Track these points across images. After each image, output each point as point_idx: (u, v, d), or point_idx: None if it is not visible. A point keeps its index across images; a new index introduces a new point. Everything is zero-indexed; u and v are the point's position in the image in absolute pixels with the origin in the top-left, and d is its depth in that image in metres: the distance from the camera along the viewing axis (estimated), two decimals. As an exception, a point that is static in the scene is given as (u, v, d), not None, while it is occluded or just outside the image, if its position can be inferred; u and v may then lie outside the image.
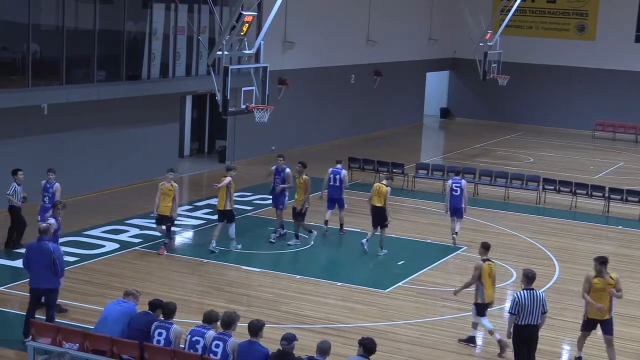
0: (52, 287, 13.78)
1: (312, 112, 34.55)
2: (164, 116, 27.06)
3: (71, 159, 23.78)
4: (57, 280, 13.80)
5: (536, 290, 12.85)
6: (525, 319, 12.73)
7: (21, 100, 21.74)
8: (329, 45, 34.85)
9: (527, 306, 12.68)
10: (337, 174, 21.55)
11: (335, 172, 21.59)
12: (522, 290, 12.82)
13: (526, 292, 12.76)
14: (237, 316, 11.35)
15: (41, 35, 23.33)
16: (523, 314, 12.72)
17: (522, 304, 12.67)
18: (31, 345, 12.14)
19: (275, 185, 20.79)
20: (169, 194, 19.10)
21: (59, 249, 14.09)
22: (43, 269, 13.72)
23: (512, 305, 12.76)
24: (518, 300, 12.69)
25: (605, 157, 36.24)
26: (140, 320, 11.84)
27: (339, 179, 21.52)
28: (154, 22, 26.05)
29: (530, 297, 12.72)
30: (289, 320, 15.53)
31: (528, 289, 12.79)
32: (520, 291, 12.81)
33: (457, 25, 42.35)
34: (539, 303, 12.80)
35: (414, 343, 14.97)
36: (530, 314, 12.75)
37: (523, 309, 12.69)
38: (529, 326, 12.81)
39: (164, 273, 18.10)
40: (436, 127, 44.65)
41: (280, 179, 20.69)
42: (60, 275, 13.81)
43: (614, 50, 42.21)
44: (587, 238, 22.89)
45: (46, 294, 13.85)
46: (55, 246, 14.01)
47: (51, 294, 13.86)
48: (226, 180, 19.20)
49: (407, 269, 19.19)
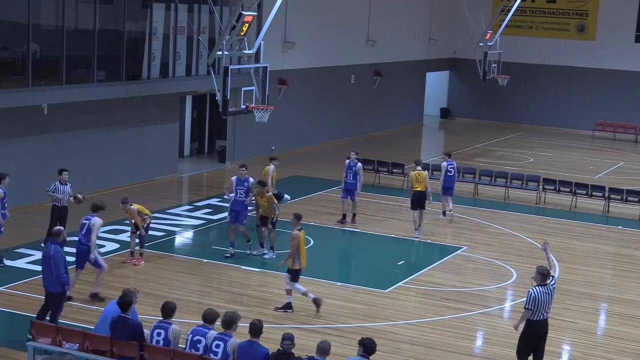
0: (54, 290, 13.79)
1: (312, 112, 34.55)
2: (164, 116, 27.06)
3: (71, 159, 23.76)
4: (58, 284, 13.75)
5: (548, 285, 12.95)
6: (539, 314, 12.89)
7: (21, 100, 21.74)
8: (329, 45, 34.85)
9: (542, 301, 12.88)
10: (353, 166, 22.45)
11: (351, 165, 22.45)
12: (536, 286, 12.91)
13: (541, 287, 12.90)
14: (238, 316, 11.34)
15: (41, 35, 23.32)
16: (538, 309, 12.86)
17: (538, 300, 12.82)
18: (31, 345, 12.13)
19: (237, 198, 19.26)
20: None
21: (58, 254, 13.91)
22: (48, 272, 13.82)
23: (528, 300, 12.94)
24: (535, 296, 12.87)
25: (605, 157, 36.24)
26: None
27: (354, 172, 22.40)
28: (154, 22, 26.04)
29: (544, 292, 12.90)
30: (289, 320, 15.53)
31: (542, 285, 12.91)
32: (535, 287, 12.90)
33: (457, 25, 42.36)
34: (551, 297, 13.03)
35: (414, 343, 14.97)
36: (544, 309, 12.91)
37: (538, 304, 12.83)
38: (542, 321, 13.00)
39: (164, 273, 18.10)
40: (436, 127, 44.65)
41: (245, 189, 19.26)
42: (60, 280, 13.71)
43: (614, 50, 42.21)
44: (587, 238, 22.89)
45: (51, 297, 13.89)
46: (56, 250, 13.90)
47: (53, 297, 13.85)
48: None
49: (407, 269, 19.19)
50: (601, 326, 16.77)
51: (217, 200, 24.62)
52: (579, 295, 18.02)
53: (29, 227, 20.60)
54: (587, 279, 19.21)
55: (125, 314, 11.60)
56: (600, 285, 19.04)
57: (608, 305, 17.90)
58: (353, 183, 22.41)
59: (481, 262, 20.07)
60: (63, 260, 13.90)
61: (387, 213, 24.35)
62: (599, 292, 18.57)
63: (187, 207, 23.95)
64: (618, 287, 18.96)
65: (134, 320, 11.66)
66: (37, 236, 19.92)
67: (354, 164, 22.52)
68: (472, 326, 16.04)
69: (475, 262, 20.08)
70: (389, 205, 25.24)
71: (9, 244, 18.83)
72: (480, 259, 20.30)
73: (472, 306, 16.92)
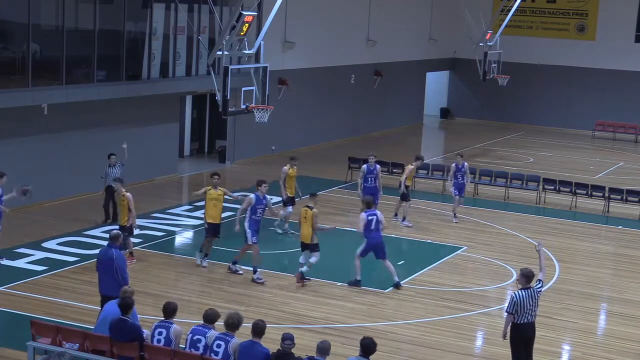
0: (113, 295, 13.18)
1: (312, 112, 34.55)
2: (164, 116, 27.06)
3: (71, 159, 23.79)
4: (117, 288, 13.05)
5: (532, 288, 12.80)
6: (524, 317, 12.72)
7: (21, 100, 21.73)
8: (329, 45, 34.85)
9: (526, 305, 12.67)
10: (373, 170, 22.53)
11: (371, 169, 22.53)
12: (520, 289, 12.76)
13: (524, 291, 12.72)
14: (242, 318, 11.33)
15: (41, 35, 23.33)
16: (521, 313, 12.71)
17: (520, 304, 12.65)
18: (31, 345, 12.13)
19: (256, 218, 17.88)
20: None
21: (121, 258, 13.87)
22: (107, 277, 13.67)
23: (510, 305, 12.74)
24: (517, 300, 12.65)
25: (605, 157, 36.24)
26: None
27: (375, 175, 22.46)
28: (154, 22, 26.04)
29: (528, 295, 12.70)
30: (289, 320, 15.53)
31: (525, 288, 12.76)
32: (518, 291, 12.76)
33: (457, 25, 42.34)
34: (536, 300, 12.80)
35: (414, 343, 14.97)
36: (529, 312, 12.74)
37: (522, 309, 12.68)
38: (528, 324, 12.81)
39: (164, 273, 18.10)
40: (436, 127, 44.66)
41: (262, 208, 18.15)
42: (122, 284, 13.31)
43: (614, 50, 42.21)
44: (587, 238, 22.89)
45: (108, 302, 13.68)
46: (118, 253, 13.84)
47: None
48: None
49: (407, 269, 19.19)
50: (601, 326, 16.78)
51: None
52: (579, 295, 18.02)
53: (29, 227, 20.61)
54: (587, 279, 19.21)
55: (125, 316, 11.58)
56: (600, 285, 19.04)
57: (608, 305, 17.90)
58: (374, 187, 22.29)
59: (481, 262, 20.08)
60: (125, 263, 13.94)
61: (387, 213, 24.31)
62: (599, 292, 18.58)
63: (187, 207, 23.95)
64: (618, 287, 18.96)
65: (133, 323, 11.62)
66: (37, 236, 19.94)
67: (374, 168, 22.45)
68: (472, 326, 16.05)
69: (475, 262, 20.09)
70: (389, 206, 25.22)
71: (9, 244, 18.84)
72: (480, 259, 20.31)
73: (472, 306, 16.92)
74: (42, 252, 18.91)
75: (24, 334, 13.11)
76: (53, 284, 16.92)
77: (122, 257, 13.94)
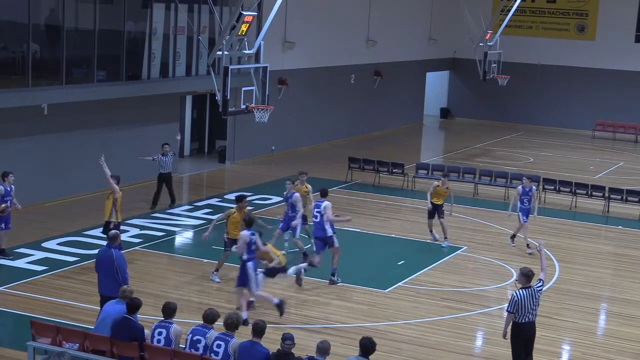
0: (112, 295, 13.12)
1: (312, 112, 34.55)
2: (164, 116, 27.05)
3: (71, 159, 23.79)
4: (116, 289, 12.89)
5: (532, 287, 12.81)
6: (525, 316, 12.74)
7: (21, 100, 21.73)
8: (329, 45, 34.85)
9: (526, 305, 12.69)
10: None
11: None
12: (520, 289, 12.77)
13: (525, 290, 12.73)
14: (242, 318, 11.33)
15: (41, 35, 23.34)
16: (522, 312, 12.72)
17: (521, 303, 12.66)
18: (31, 345, 12.13)
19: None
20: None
21: (122, 258, 13.82)
22: (107, 277, 13.62)
23: (511, 304, 12.75)
24: (517, 299, 12.67)
25: (605, 157, 36.24)
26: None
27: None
28: (154, 22, 26.04)
29: (529, 295, 12.72)
30: (289, 320, 15.53)
31: (526, 288, 12.78)
32: (518, 290, 12.76)
33: (457, 25, 42.36)
34: (537, 299, 12.81)
35: (414, 343, 14.97)
36: (529, 311, 12.76)
37: (522, 308, 12.69)
38: (529, 323, 12.83)
39: (164, 273, 18.10)
40: (436, 127, 44.65)
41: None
42: (123, 284, 13.17)
43: (614, 50, 42.21)
44: (587, 238, 22.89)
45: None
46: (118, 254, 13.78)
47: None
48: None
49: (407, 269, 19.19)
50: (601, 326, 16.77)
51: (217, 200, 24.64)
52: (579, 295, 18.02)
53: (29, 227, 20.60)
54: (587, 279, 19.21)
55: (130, 315, 11.57)
56: (600, 285, 19.04)
57: (608, 305, 17.90)
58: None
59: (481, 262, 20.08)
60: (126, 263, 13.86)
61: (387, 213, 24.35)
62: (599, 292, 18.58)
63: (187, 207, 23.95)
64: (618, 287, 18.96)
65: (137, 323, 11.62)
66: (37, 236, 19.95)
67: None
68: (472, 326, 16.05)
69: (475, 262, 20.09)
70: (389, 205, 25.25)
71: (9, 244, 18.83)
72: (480, 259, 20.31)
73: (472, 306, 16.92)
74: (42, 252, 18.92)
75: (24, 334, 13.12)
76: (53, 284, 16.92)
77: (122, 257, 13.91)
